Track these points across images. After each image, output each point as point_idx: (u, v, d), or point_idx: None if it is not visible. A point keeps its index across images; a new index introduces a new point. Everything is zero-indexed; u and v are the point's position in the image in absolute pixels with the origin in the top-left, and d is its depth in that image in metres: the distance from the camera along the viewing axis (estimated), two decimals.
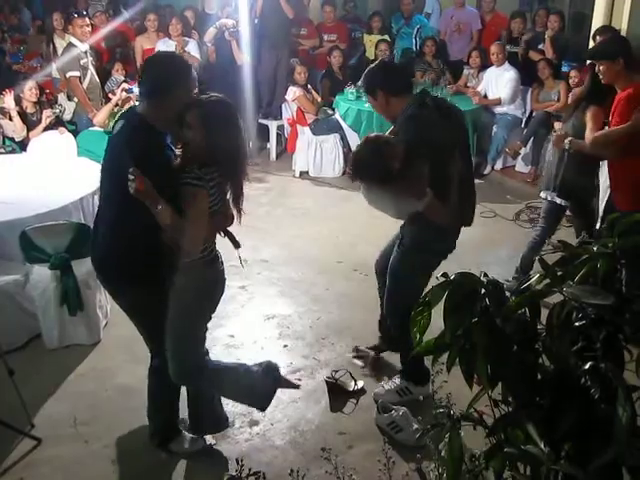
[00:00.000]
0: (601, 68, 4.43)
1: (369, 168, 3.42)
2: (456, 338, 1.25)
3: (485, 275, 1.30)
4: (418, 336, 1.36)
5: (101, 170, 3.28)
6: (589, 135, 4.42)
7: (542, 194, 5.03)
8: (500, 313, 1.23)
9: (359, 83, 6.54)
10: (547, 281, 1.30)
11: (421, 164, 3.34)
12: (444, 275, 1.32)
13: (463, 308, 1.24)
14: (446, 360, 1.33)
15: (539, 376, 1.27)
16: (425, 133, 3.44)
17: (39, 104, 6.82)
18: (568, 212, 5.28)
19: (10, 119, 6.65)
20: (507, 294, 1.34)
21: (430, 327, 1.44)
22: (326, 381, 4.17)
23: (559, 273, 1.29)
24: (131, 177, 2.86)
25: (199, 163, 3.03)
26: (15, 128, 6.63)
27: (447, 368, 1.35)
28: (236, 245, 3.47)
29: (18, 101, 6.71)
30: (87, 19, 6.95)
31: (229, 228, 3.41)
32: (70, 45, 6.88)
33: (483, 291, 1.27)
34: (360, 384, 4.18)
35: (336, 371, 4.22)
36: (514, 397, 1.29)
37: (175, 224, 2.96)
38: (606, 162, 4.76)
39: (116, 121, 3.24)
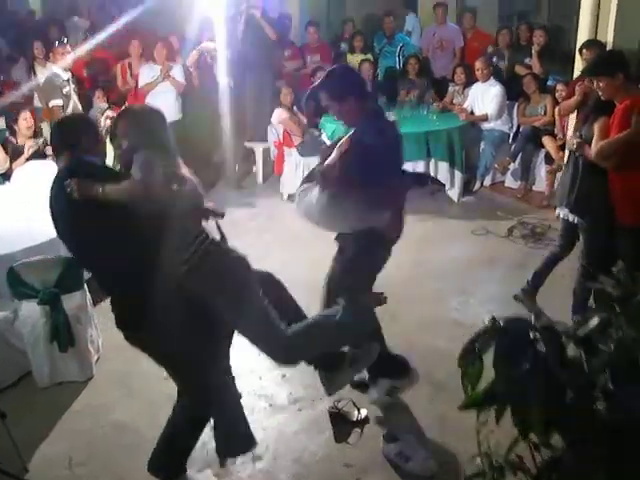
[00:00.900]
0: (600, 85, 4.38)
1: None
2: (507, 387, 1.16)
3: (537, 317, 1.21)
4: (470, 388, 1.27)
5: (68, 243, 3.31)
6: (595, 145, 4.36)
7: (557, 211, 4.92)
8: (558, 361, 1.14)
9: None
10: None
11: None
12: (493, 320, 1.23)
13: (514, 356, 1.15)
14: (495, 410, 1.24)
15: (595, 423, 1.18)
16: (388, 139, 3.67)
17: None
18: None
19: None
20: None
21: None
22: (329, 411, 4.07)
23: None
24: (69, 188, 2.96)
25: None
26: None
27: (496, 419, 1.25)
28: (220, 215, 3.43)
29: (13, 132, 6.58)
30: (68, 47, 6.85)
31: None
32: (52, 74, 6.77)
33: (534, 335, 1.19)
34: (364, 413, 4.07)
35: (339, 401, 4.10)
36: (568, 445, 1.20)
37: (126, 188, 2.97)
38: None
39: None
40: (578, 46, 6.31)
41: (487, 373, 1.30)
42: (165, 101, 7.77)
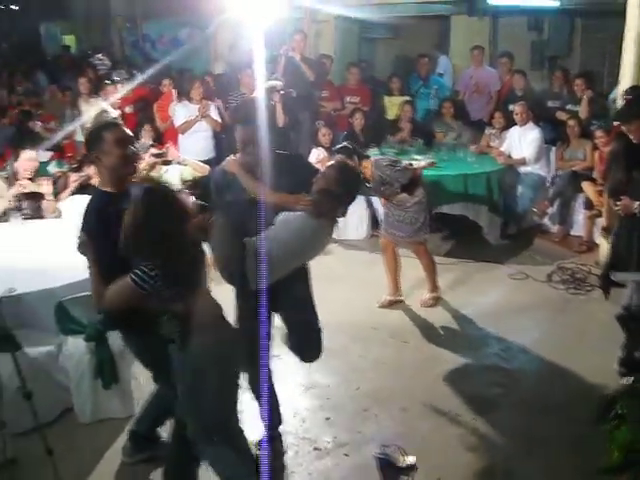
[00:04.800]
0: (632, 128, 4.44)
1: None
2: None
3: None
4: (617, 453, 1.22)
5: None
6: None
7: (627, 277, 4.59)
8: None
9: None
10: None
11: None
12: (636, 381, 1.18)
13: None
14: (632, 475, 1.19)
15: None
16: None
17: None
18: None
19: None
20: None
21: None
22: (376, 457, 3.98)
23: None
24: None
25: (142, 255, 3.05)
26: (47, 206, 6.37)
27: None
28: None
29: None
30: (118, 86, 6.94)
31: None
32: (103, 111, 6.84)
33: None
34: (411, 459, 3.98)
35: (385, 446, 4.03)
36: None
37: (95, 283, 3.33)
38: None
39: None
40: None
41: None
42: (199, 140, 7.83)
